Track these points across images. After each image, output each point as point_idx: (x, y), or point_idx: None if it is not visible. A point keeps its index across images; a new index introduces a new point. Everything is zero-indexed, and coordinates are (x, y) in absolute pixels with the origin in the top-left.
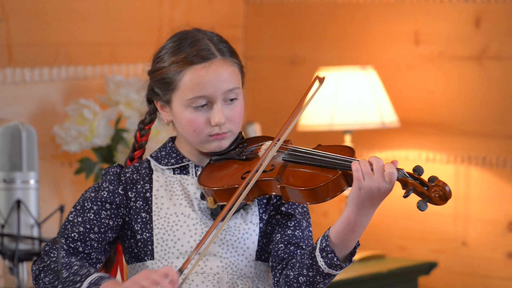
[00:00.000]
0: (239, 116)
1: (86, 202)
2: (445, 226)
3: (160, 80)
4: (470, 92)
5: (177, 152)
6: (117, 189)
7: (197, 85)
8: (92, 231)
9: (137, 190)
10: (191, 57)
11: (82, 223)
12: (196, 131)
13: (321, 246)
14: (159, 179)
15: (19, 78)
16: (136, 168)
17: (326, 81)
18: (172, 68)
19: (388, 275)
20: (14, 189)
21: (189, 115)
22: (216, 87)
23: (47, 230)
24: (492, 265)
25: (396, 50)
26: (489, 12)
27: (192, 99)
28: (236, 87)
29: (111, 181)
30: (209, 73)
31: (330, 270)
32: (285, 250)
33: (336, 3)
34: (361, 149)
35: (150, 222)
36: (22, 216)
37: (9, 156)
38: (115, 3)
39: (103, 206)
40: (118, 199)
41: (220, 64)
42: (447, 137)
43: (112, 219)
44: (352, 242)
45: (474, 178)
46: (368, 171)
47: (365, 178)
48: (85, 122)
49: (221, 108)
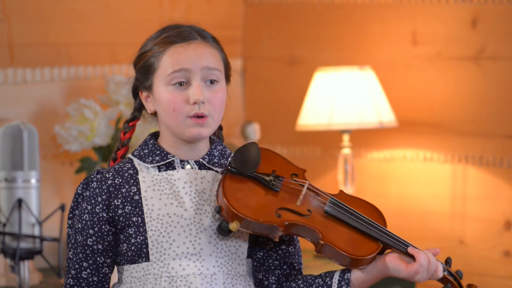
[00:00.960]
0: (220, 102)
1: (77, 235)
2: (442, 225)
3: (143, 66)
4: (467, 92)
5: (161, 149)
6: (95, 208)
7: (176, 60)
8: (99, 262)
9: (123, 195)
10: (172, 37)
11: (84, 258)
12: (176, 110)
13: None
14: (145, 180)
15: (21, 78)
16: (117, 171)
17: (325, 81)
18: (153, 50)
19: None
20: (16, 188)
21: (168, 94)
22: (194, 60)
23: (48, 229)
24: (489, 263)
25: (394, 51)
26: (486, 12)
27: (171, 74)
28: (216, 68)
29: (90, 198)
30: (188, 50)
31: None
32: (281, 271)
33: (334, 4)
34: (359, 148)
35: (143, 225)
36: (24, 214)
37: (10, 156)
38: (116, 4)
39: (88, 234)
40: (96, 218)
41: (200, 44)
42: (444, 136)
43: (99, 243)
44: None
45: (471, 177)
46: (428, 267)
47: (423, 275)
48: (85, 122)
49: (200, 86)
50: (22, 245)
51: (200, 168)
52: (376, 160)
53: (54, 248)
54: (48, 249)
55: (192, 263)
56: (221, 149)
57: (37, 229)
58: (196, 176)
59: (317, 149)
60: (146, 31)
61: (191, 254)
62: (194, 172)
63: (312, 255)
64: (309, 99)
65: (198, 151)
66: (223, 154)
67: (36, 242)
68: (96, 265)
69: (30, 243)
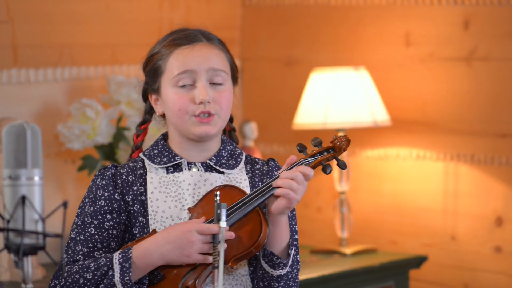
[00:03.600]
0: (226, 102)
1: (86, 217)
2: (435, 221)
3: (151, 69)
4: (459, 92)
5: (169, 150)
6: (113, 195)
7: (181, 62)
8: (96, 248)
9: (134, 193)
10: (178, 40)
11: (84, 242)
12: (182, 110)
13: (262, 253)
14: (153, 181)
15: (24, 79)
16: (132, 168)
17: (321, 81)
18: (160, 53)
19: (380, 268)
20: (19, 185)
21: (174, 95)
22: (199, 62)
23: (51, 225)
24: (480, 258)
25: (388, 52)
26: (477, 15)
27: (177, 75)
28: (222, 69)
29: (106, 186)
30: (193, 52)
31: (278, 271)
32: (251, 270)
33: (330, 6)
34: (354, 147)
35: (147, 226)
36: (27, 211)
37: (14, 154)
38: (117, 6)
39: (104, 218)
40: (116, 205)
41: (206, 45)
42: (437, 135)
43: (115, 228)
44: (283, 237)
45: (462, 175)
46: (294, 187)
47: (296, 194)
48: (87, 121)
49: (206, 86)
50: (26, 241)
51: (206, 170)
52: (370, 158)
53: (56, 244)
54: (51, 245)
55: None
56: (231, 150)
57: (40, 225)
58: (200, 178)
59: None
60: (146, 32)
61: None
62: (199, 174)
63: (308, 251)
64: (305, 99)
65: (206, 152)
66: (232, 155)
67: (39, 238)
68: (108, 249)
69: (33, 239)
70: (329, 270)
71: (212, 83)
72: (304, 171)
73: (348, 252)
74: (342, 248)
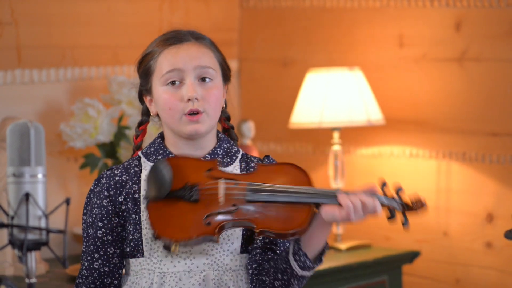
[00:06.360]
0: (214, 99)
1: (89, 228)
2: (427, 218)
3: (143, 70)
4: (451, 92)
5: (164, 149)
6: (103, 201)
7: (169, 60)
8: (94, 258)
9: (126, 192)
10: (168, 40)
11: (96, 252)
12: (172, 109)
13: (294, 250)
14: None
15: (28, 79)
16: (126, 168)
17: (316, 81)
18: (151, 53)
19: (374, 264)
20: (23, 182)
21: (164, 93)
22: (186, 60)
23: (54, 221)
24: (472, 254)
25: (382, 52)
26: (469, 16)
27: (166, 74)
28: (209, 66)
29: (99, 193)
30: (180, 50)
31: (304, 272)
32: (262, 256)
33: (325, 8)
34: (349, 145)
35: (139, 223)
36: (31, 208)
37: (18, 152)
38: (118, 8)
39: (96, 227)
40: (105, 211)
41: (193, 44)
42: (429, 134)
43: (109, 234)
44: (321, 242)
45: (454, 172)
46: (358, 209)
47: (355, 216)
48: (89, 120)
49: (193, 83)
50: (29, 237)
51: None
52: (364, 156)
53: (59, 240)
54: (54, 240)
55: (182, 261)
56: (227, 148)
57: (43, 221)
58: None
59: (309, 146)
60: (146, 34)
61: (182, 252)
62: None
63: None
64: (301, 99)
65: (201, 150)
66: (228, 153)
67: (43, 234)
68: (107, 256)
69: (37, 235)
70: (324, 265)
71: (201, 81)
72: (376, 208)
73: (343, 248)
74: (337, 244)
